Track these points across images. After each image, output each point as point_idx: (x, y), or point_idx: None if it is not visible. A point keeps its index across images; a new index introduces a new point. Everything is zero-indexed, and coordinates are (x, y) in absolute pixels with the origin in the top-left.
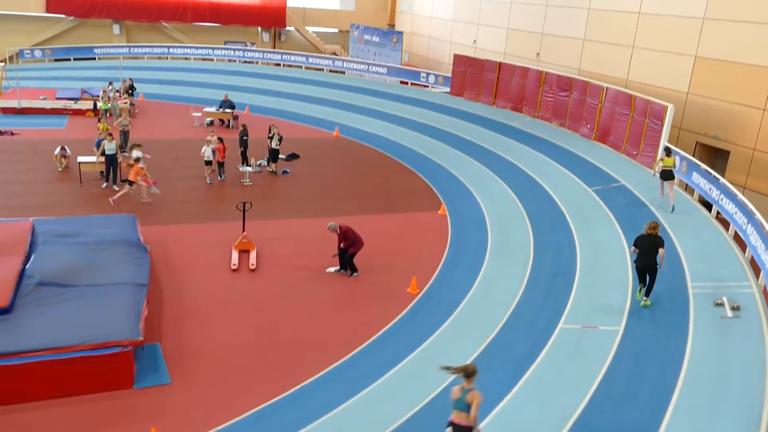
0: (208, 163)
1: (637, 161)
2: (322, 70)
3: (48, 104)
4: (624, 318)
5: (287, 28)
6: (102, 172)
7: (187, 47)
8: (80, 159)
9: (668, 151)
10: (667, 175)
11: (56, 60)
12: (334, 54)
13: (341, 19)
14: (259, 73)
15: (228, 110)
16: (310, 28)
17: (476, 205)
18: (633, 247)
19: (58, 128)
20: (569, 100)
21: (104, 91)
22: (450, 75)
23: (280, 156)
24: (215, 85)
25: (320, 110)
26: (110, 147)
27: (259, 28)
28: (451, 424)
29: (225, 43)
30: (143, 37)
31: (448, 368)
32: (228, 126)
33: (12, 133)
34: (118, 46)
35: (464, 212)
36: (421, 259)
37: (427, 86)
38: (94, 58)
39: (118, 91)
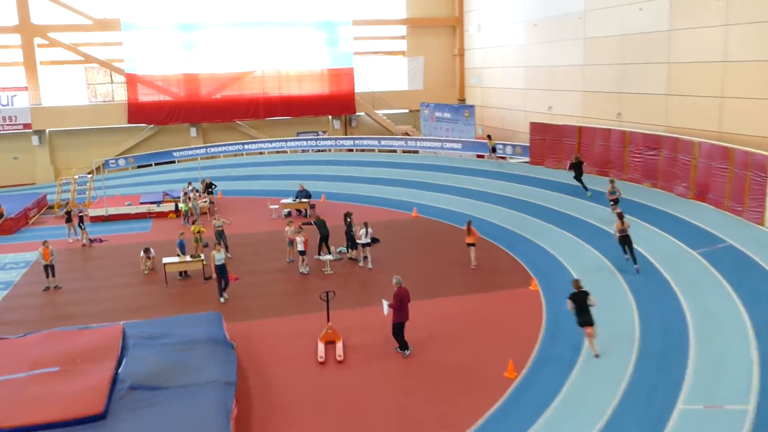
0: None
1: (743, 218)
2: (395, 151)
3: (133, 209)
4: (753, 394)
5: (357, 113)
6: (182, 272)
7: (261, 142)
8: (165, 260)
9: None
10: None
11: (139, 167)
12: (406, 134)
13: (410, 99)
14: (333, 160)
15: (304, 200)
16: (380, 111)
17: (569, 277)
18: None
19: (143, 231)
20: (659, 159)
21: (185, 192)
22: (528, 144)
23: (359, 241)
24: (290, 176)
25: (397, 192)
26: (219, 257)
27: (330, 117)
28: None
29: (297, 134)
30: (219, 136)
31: None
32: (305, 215)
33: (101, 240)
34: (196, 148)
35: (557, 286)
36: (516, 339)
37: (504, 158)
38: (174, 161)
39: (197, 190)
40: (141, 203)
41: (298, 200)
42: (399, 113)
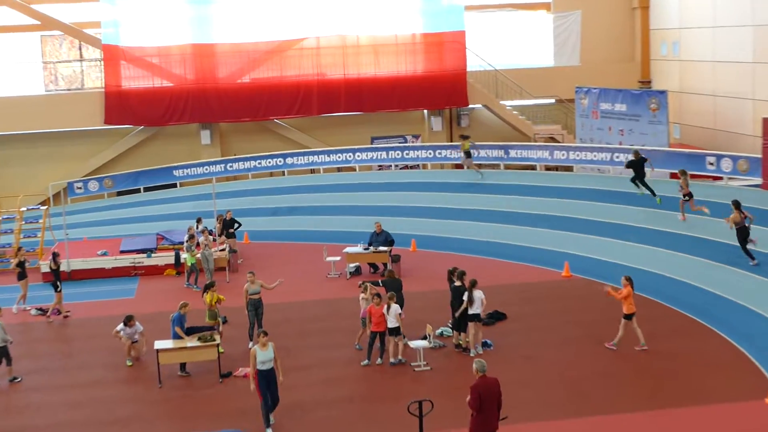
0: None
1: None
2: (533, 167)
3: (109, 262)
4: None
5: (471, 106)
6: (183, 366)
7: (313, 153)
8: (158, 345)
9: None
10: None
11: (120, 193)
12: (552, 139)
13: (558, 81)
14: (429, 183)
15: (383, 248)
16: (507, 103)
17: None
18: None
19: (124, 298)
20: None
21: (191, 235)
22: (759, 155)
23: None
24: (360, 209)
25: (536, 235)
26: (265, 357)
27: (425, 112)
28: None
29: (372, 140)
30: (245, 144)
31: None
32: (383, 274)
33: (60, 312)
34: (209, 163)
35: None
36: None
37: (720, 178)
38: (175, 185)
39: (211, 231)
40: (122, 252)
41: (372, 248)
42: (539, 105)
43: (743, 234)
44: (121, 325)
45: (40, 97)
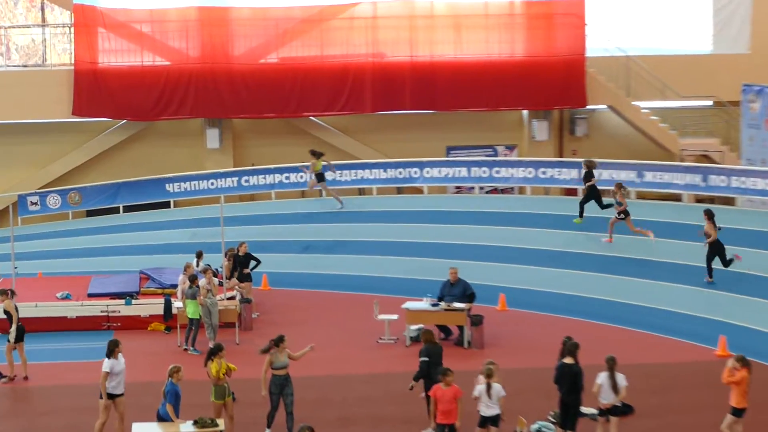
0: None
1: None
2: (677, 198)
3: (72, 309)
4: None
5: (590, 107)
6: None
7: (363, 166)
8: (136, 427)
9: None
10: None
11: (90, 213)
12: (705, 158)
13: (718, 75)
14: (528, 215)
15: (459, 304)
16: (642, 104)
17: None
18: None
19: (92, 360)
20: None
21: (189, 276)
22: None
23: (584, 410)
24: (428, 249)
25: (684, 297)
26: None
27: (525, 114)
28: None
29: (448, 152)
30: (268, 150)
31: None
32: (461, 343)
33: (3, 376)
34: (217, 175)
35: None
36: None
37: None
38: (168, 204)
39: (216, 272)
40: (91, 296)
41: (444, 304)
42: (689, 108)
43: (716, 249)
44: (106, 362)
45: None
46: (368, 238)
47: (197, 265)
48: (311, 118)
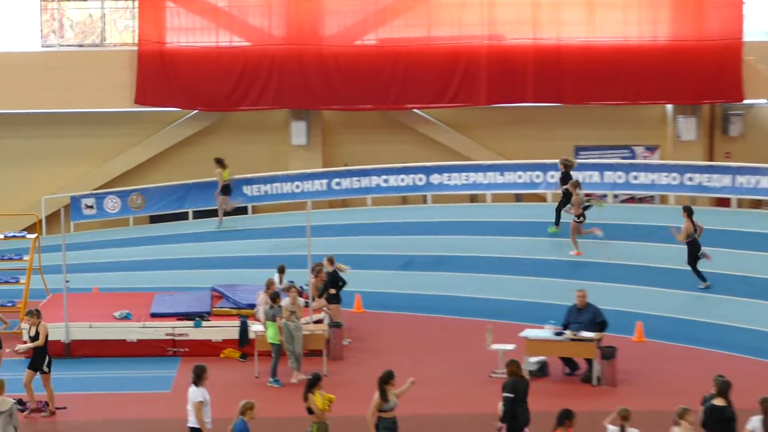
0: None
1: None
2: None
3: (132, 331)
4: None
5: (749, 101)
6: None
7: (476, 168)
8: None
9: None
10: None
11: (154, 219)
12: None
13: None
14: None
15: (587, 333)
16: None
17: None
18: None
19: (154, 391)
20: None
21: (272, 294)
22: None
23: None
24: (550, 267)
25: None
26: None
27: (669, 109)
28: None
29: (576, 152)
30: (364, 148)
31: None
32: (589, 379)
33: (46, 409)
34: (303, 176)
35: None
36: None
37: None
38: (245, 209)
39: (301, 291)
40: (154, 316)
41: (570, 333)
42: None
43: (694, 249)
44: (196, 390)
45: (34, 57)
46: (480, 254)
47: (280, 282)
48: (415, 110)
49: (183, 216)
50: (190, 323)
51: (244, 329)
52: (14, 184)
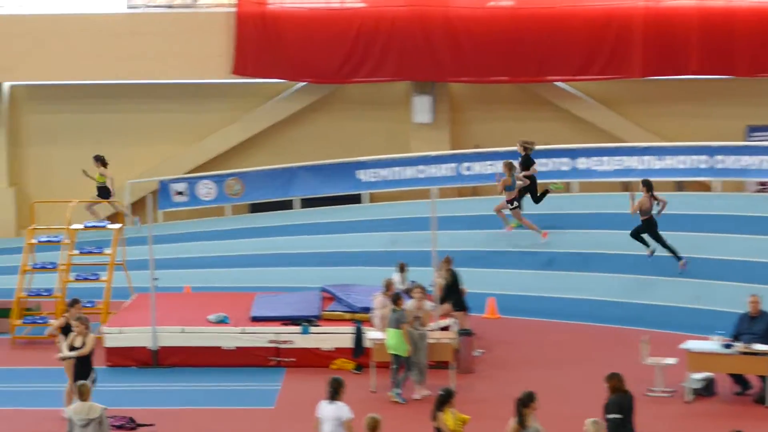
0: None
1: None
2: None
3: (229, 337)
4: None
5: None
6: None
7: (630, 151)
8: None
9: None
10: None
11: (254, 207)
12: None
13: None
14: None
15: (761, 347)
16: None
17: None
18: None
19: (256, 407)
20: None
21: (394, 296)
22: None
23: None
24: (717, 267)
25: None
26: None
27: None
28: None
29: (748, 133)
30: (496, 125)
31: None
32: (762, 400)
33: (131, 426)
34: (425, 159)
35: None
36: None
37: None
38: (358, 198)
39: (425, 290)
40: (255, 320)
41: (742, 345)
42: None
43: (650, 226)
44: (340, 407)
45: (118, 20)
46: (633, 251)
47: (401, 283)
48: (558, 83)
49: (287, 204)
50: (297, 329)
51: (359, 336)
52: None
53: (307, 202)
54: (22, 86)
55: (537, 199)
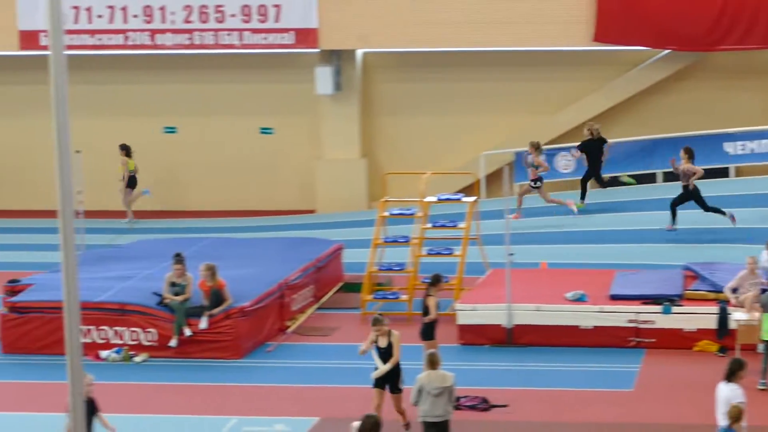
0: None
1: None
2: None
3: (588, 316)
4: None
5: None
6: None
7: None
8: None
9: None
10: None
11: (610, 181)
12: None
13: None
14: None
15: None
16: None
17: None
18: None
19: (616, 389)
20: None
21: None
22: None
23: None
24: None
25: None
26: None
27: None
28: None
29: None
30: None
31: None
32: None
33: (483, 404)
34: None
35: None
36: None
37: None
38: (726, 172)
39: None
40: (613, 298)
41: None
42: None
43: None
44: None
45: None
46: None
47: None
48: None
49: (649, 178)
50: (658, 308)
51: (723, 317)
52: (449, 137)
53: (670, 176)
54: (375, 54)
55: (603, 184)
